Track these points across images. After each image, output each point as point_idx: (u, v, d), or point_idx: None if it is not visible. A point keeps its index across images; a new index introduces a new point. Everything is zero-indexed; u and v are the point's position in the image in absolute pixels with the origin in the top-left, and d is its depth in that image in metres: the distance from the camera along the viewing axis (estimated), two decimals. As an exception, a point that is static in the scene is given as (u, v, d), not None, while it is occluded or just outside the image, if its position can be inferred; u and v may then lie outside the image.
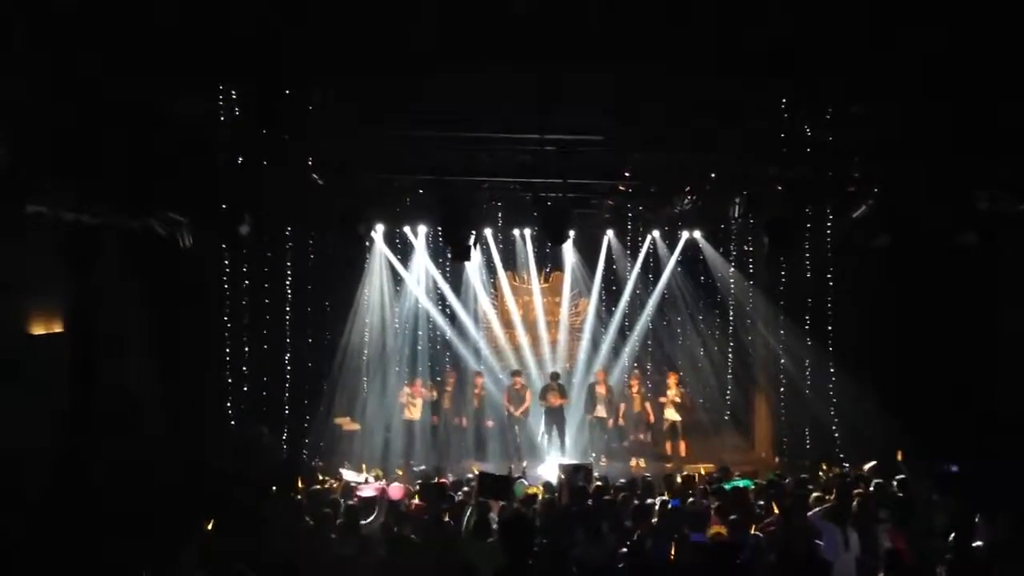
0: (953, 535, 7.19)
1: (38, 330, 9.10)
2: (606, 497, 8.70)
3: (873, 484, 9.80)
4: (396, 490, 10.23)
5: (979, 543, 7.26)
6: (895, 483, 9.62)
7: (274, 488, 9.80)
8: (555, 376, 14.22)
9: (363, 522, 8.34)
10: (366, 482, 10.96)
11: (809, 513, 8.06)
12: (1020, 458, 9.58)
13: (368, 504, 9.06)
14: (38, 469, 8.51)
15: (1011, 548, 7.07)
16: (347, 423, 13.06)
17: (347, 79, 9.93)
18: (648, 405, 13.85)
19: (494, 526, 7.67)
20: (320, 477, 10.80)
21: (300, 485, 10.19)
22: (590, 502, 8.65)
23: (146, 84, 8.83)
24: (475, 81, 9.78)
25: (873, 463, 10.95)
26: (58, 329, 9.35)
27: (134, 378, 10.18)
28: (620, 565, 6.80)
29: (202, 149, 10.49)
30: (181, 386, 10.68)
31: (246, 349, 11.98)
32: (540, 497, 9.34)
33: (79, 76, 8.38)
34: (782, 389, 13.74)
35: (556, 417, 13.68)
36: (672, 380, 13.80)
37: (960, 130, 9.58)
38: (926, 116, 9.77)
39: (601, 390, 13.72)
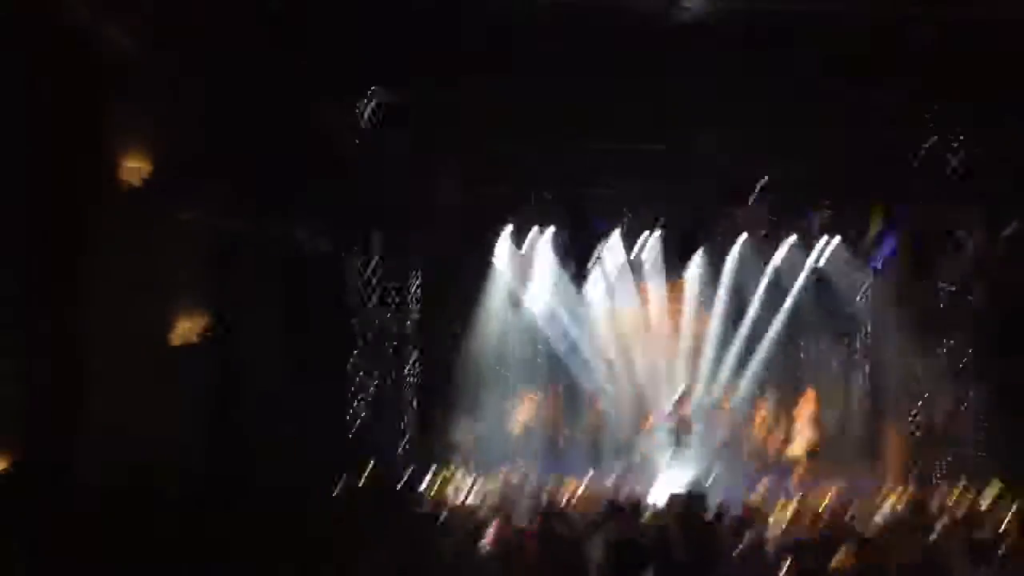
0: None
1: (184, 336, 9.54)
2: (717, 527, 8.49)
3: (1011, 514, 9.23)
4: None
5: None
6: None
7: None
8: (685, 395, 13.95)
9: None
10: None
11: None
12: None
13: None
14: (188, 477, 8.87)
15: None
16: (466, 431, 13.25)
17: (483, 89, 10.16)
18: (774, 434, 13.28)
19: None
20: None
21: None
22: (704, 531, 8.45)
23: (293, 93, 9.31)
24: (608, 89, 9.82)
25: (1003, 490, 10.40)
26: (203, 335, 9.77)
27: (273, 383, 10.54)
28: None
29: (342, 159, 10.93)
30: (312, 389, 11.04)
31: (373, 355, 12.30)
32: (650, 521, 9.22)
33: (232, 85, 8.90)
34: (917, 415, 13.08)
35: (679, 438, 13.44)
36: (804, 407, 13.20)
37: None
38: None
39: (721, 413, 13.36)
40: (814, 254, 14.55)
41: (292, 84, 9.28)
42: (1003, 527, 8.60)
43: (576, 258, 14.03)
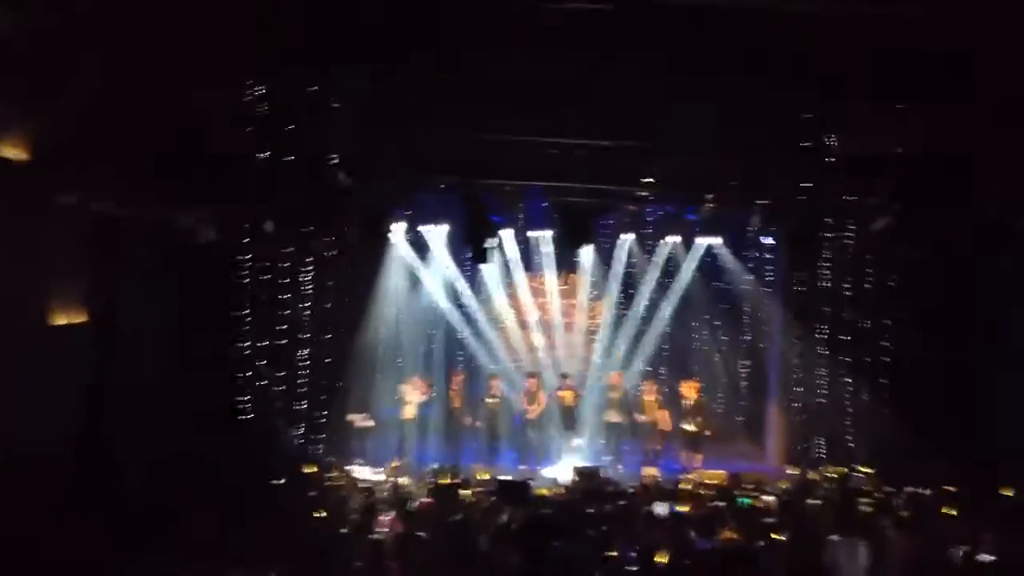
0: (963, 548, 7.23)
1: (61, 321, 9.20)
2: (619, 502, 8.75)
3: (884, 492, 9.87)
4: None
5: (987, 557, 7.28)
6: (906, 492, 9.67)
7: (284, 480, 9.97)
8: (564, 376, 14.26)
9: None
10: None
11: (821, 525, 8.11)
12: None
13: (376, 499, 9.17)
14: (60, 465, 8.58)
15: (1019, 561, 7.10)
16: (361, 420, 13.15)
17: (374, 77, 10.13)
18: (664, 413, 13.65)
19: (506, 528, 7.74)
20: (330, 474, 10.93)
21: (311, 476, 10.35)
22: (601, 507, 8.70)
23: (175, 78, 9.03)
24: (502, 81, 9.93)
25: (875, 470, 11.09)
26: (81, 320, 9.46)
27: (154, 370, 10.28)
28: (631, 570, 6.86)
29: (228, 145, 10.68)
30: (200, 380, 10.79)
31: (264, 344, 12.08)
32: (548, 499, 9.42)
33: (112, 70, 8.59)
34: (796, 398, 13.71)
35: (568, 419, 13.69)
36: (690, 389, 13.63)
37: (977, 143, 9.67)
38: (945, 129, 9.86)
39: (615, 395, 13.72)
40: (699, 248, 15.15)
41: (180, 67, 9.01)
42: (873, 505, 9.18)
43: (472, 250, 14.12)
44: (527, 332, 15.71)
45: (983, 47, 8.23)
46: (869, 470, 11.71)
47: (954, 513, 8.60)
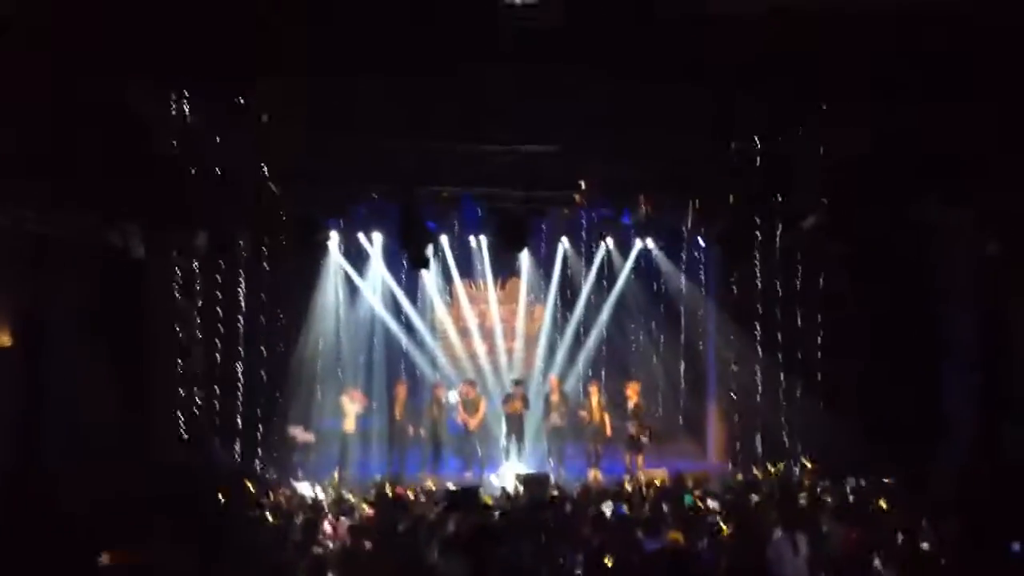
0: (902, 536, 7.41)
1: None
2: (563, 507, 8.76)
3: (821, 487, 10.08)
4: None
5: (926, 545, 7.48)
6: (844, 485, 9.89)
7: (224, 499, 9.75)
8: (518, 383, 14.22)
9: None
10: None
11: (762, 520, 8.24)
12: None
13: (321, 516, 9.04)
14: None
15: (957, 550, 7.30)
16: (301, 434, 12.94)
17: (302, 85, 10.00)
18: (606, 416, 13.60)
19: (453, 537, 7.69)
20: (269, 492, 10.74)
21: (253, 493, 10.15)
22: (547, 512, 8.71)
23: (96, 85, 8.77)
24: (433, 87, 9.89)
25: (814, 464, 11.33)
26: (6, 343, 9.15)
27: (84, 392, 9.97)
28: (578, 573, 6.87)
29: (153, 157, 10.42)
30: (132, 398, 10.50)
31: (198, 361, 11.82)
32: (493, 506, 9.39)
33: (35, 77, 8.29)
34: (733, 396, 13.94)
35: (516, 425, 13.64)
36: (632, 391, 13.66)
37: (904, 141, 9.93)
38: (873, 127, 10.11)
39: (555, 398, 13.75)
40: (634, 251, 15.34)
41: (105, 77, 8.76)
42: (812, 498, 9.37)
43: (409, 257, 14.03)
44: (467, 339, 15.70)
45: (912, 45, 8.43)
46: (808, 464, 11.96)
47: (889, 504, 8.79)
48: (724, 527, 8.03)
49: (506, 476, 12.45)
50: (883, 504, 8.91)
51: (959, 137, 9.25)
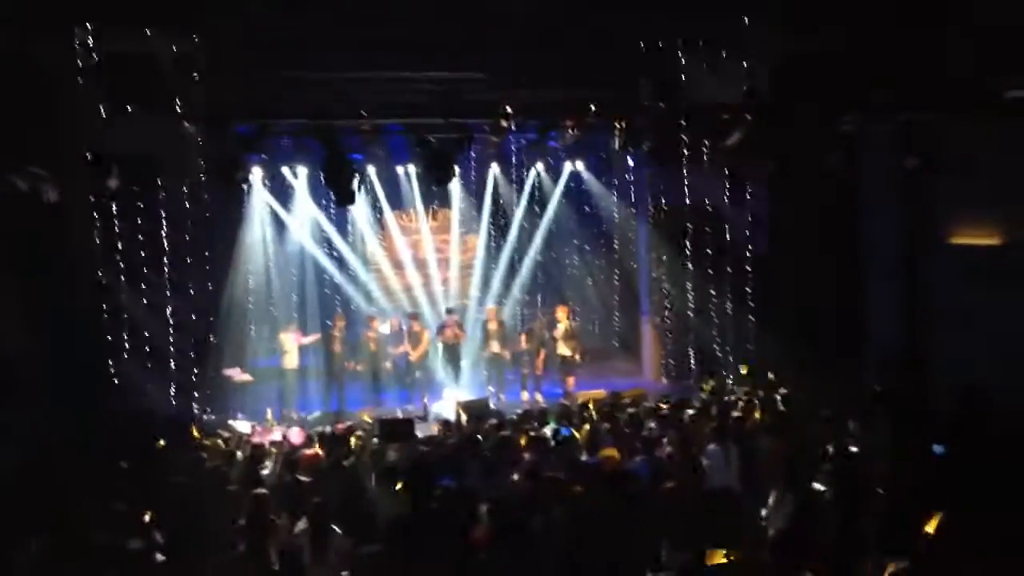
0: (832, 444, 7.69)
1: None
2: (503, 432, 8.87)
3: (755, 397, 10.38)
4: (296, 435, 10.22)
5: (855, 449, 7.79)
6: (777, 397, 10.20)
7: (162, 443, 9.66)
8: (450, 311, 14.24)
9: (263, 473, 8.33)
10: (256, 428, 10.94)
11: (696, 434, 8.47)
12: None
13: (263, 453, 9.01)
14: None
15: (887, 452, 7.62)
16: (237, 374, 12.79)
17: (219, 17, 9.63)
18: (543, 341, 13.63)
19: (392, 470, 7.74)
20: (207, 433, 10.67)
21: (195, 437, 10.08)
22: (487, 436, 8.82)
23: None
24: (353, 19, 9.62)
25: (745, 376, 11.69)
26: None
27: (6, 344, 9.69)
28: (518, 495, 6.99)
29: (62, 98, 10.01)
30: (58, 350, 10.24)
31: (125, 307, 11.55)
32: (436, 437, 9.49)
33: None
34: (666, 314, 14.19)
35: (452, 354, 13.69)
36: (562, 314, 13.81)
37: (827, 55, 10.02)
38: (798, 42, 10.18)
39: (492, 326, 13.81)
40: (564, 174, 15.32)
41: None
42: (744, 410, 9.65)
43: (335, 192, 13.77)
44: (402, 272, 15.62)
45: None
46: (743, 374, 12.30)
47: (822, 412, 9.06)
48: (660, 442, 8.25)
49: (447, 404, 12.56)
50: (814, 413, 9.17)
51: (880, 54, 9.38)
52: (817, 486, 6.71)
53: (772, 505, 6.63)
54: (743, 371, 12.38)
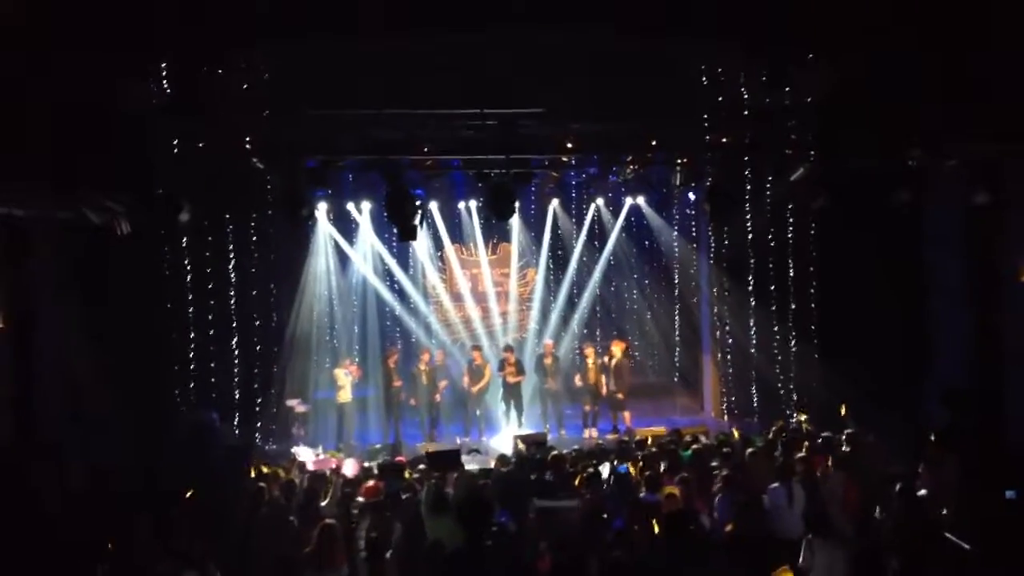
0: (899, 484, 7.45)
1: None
2: (560, 467, 8.80)
3: (821, 439, 10.12)
4: (351, 466, 10.28)
5: (924, 491, 7.54)
6: (843, 437, 9.92)
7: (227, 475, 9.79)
8: (508, 348, 14.16)
9: (322, 504, 8.39)
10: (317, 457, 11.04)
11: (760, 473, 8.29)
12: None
13: (320, 484, 9.07)
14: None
15: (955, 495, 7.36)
16: (298, 405, 12.97)
17: (283, 57, 9.87)
18: (601, 377, 13.55)
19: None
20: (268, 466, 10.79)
21: (256, 470, 10.19)
22: (546, 473, 8.75)
23: (75, 66, 8.66)
24: (413, 56, 9.77)
25: (805, 416, 11.40)
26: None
27: (78, 374, 9.98)
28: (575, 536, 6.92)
29: (136, 134, 10.33)
30: (127, 379, 10.50)
31: (192, 337, 11.82)
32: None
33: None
34: (728, 350, 13.98)
35: (512, 389, 13.59)
36: (617, 348, 13.61)
37: (892, 89, 9.85)
38: (860, 75, 10.02)
39: (548, 361, 13.75)
40: (624, 208, 15.28)
41: (83, 58, 8.65)
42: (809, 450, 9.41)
43: (397, 227, 13.96)
44: (460, 304, 15.70)
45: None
46: (804, 417, 12.01)
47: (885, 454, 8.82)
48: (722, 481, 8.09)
49: (504, 439, 12.51)
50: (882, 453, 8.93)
51: (941, 87, 9.20)
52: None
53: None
54: (803, 416, 12.06)
